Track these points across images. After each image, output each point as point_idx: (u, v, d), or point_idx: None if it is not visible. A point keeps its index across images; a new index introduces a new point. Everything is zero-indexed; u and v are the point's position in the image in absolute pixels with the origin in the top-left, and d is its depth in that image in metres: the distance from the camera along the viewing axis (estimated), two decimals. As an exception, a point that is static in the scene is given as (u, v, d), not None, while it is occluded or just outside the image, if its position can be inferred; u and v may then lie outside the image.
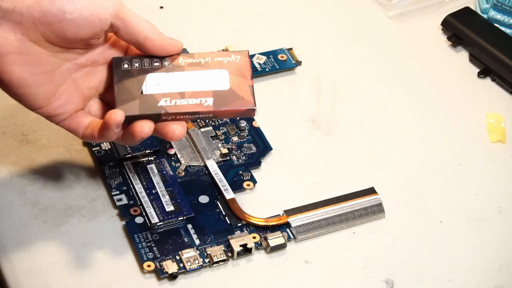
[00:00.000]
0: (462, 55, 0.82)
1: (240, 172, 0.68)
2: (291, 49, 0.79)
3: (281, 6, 0.85)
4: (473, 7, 0.84)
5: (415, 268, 0.63)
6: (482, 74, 0.79)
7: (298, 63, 0.78)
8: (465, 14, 0.83)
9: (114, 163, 0.67)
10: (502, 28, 0.82)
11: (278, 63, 0.78)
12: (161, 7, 0.83)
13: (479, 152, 0.72)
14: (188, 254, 0.61)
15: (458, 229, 0.66)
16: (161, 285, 0.60)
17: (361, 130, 0.73)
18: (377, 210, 0.66)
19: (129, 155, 0.67)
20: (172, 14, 0.83)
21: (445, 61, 0.81)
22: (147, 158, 0.67)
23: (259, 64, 0.77)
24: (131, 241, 0.62)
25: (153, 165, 0.67)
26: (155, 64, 0.59)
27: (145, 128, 0.58)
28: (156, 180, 0.66)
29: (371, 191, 0.67)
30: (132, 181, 0.65)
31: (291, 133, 0.72)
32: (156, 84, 0.59)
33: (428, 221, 0.66)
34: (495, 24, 0.82)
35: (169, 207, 0.64)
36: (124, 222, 0.63)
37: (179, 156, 0.68)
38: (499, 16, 0.83)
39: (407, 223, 0.66)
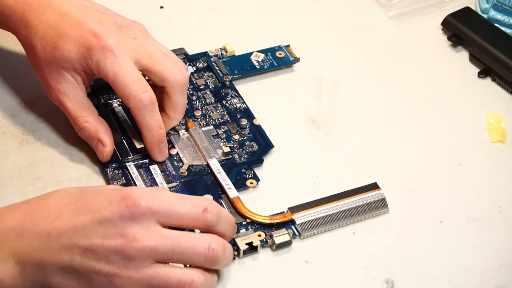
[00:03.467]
0: (462, 55, 0.82)
1: (243, 171, 0.68)
2: (288, 46, 0.79)
3: (281, 6, 0.85)
4: (473, 7, 0.84)
5: (415, 268, 0.63)
6: (482, 74, 0.79)
7: (297, 59, 0.78)
8: (465, 14, 0.83)
9: (116, 164, 0.66)
10: (502, 28, 0.82)
11: (276, 60, 0.77)
12: (161, 7, 0.83)
13: (479, 152, 0.72)
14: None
15: (458, 229, 0.66)
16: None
17: (361, 130, 0.73)
18: (381, 205, 0.66)
19: (131, 157, 0.67)
20: (172, 14, 0.83)
21: (445, 61, 0.81)
22: (149, 159, 0.67)
23: (257, 61, 0.77)
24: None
25: (155, 166, 0.67)
26: None
27: None
28: (160, 180, 0.66)
29: (373, 186, 0.67)
30: (136, 182, 0.65)
31: (291, 133, 0.72)
32: None
33: (428, 221, 0.66)
34: (495, 24, 0.82)
35: (174, 207, 0.64)
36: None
37: (181, 156, 0.68)
38: (499, 16, 0.83)
39: (407, 223, 0.66)
